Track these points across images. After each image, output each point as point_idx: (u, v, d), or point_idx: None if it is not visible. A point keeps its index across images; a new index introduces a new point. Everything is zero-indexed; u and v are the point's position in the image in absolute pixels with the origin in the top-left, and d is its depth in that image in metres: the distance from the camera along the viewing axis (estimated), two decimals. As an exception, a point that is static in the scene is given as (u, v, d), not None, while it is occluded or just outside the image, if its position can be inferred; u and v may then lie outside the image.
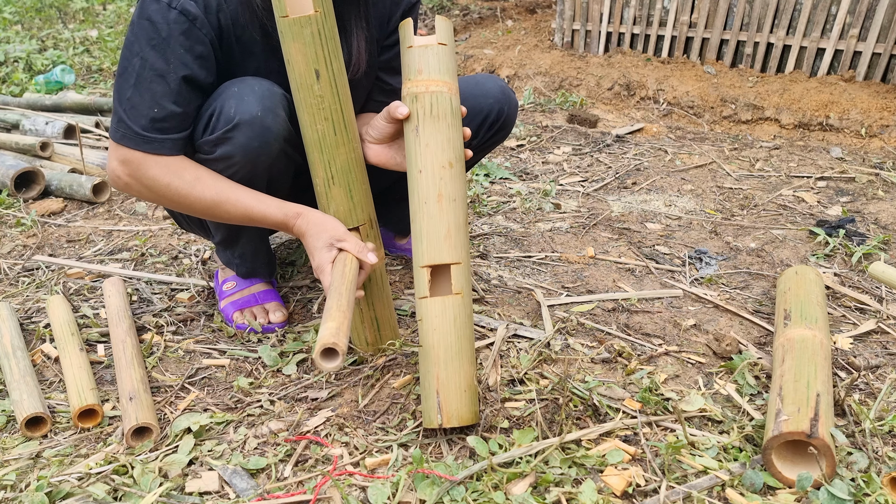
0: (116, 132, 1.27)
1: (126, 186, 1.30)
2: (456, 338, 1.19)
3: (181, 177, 1.28)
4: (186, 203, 1.30)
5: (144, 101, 1.22)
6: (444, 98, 1.23)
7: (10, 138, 2.65)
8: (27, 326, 1.60)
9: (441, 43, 1.25)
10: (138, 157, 1.26)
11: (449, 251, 1.21)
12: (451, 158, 1.23)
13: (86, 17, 5.91)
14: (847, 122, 3.35)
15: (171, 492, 1.11)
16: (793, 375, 1.25)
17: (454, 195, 1.23)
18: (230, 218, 1.32)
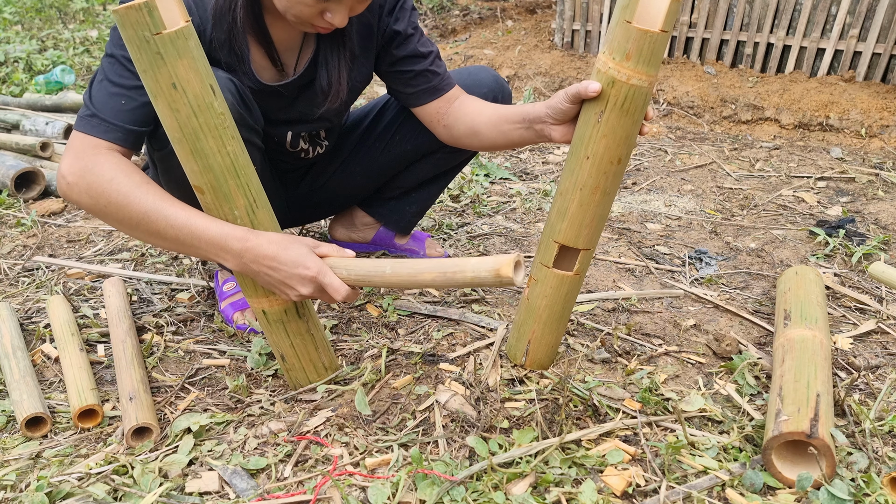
0: (77, 120, 1.21)
1: (69, 188, 1.16)
2: (561, 308, 1.33)
3: (127, 175, 1.15)
4: (122, 205, 1.14)
5: (111, 90, 1.20)
6: (641, 94, 1.11)
7: (11, 138, 2.65)
8: (27, 326, 1.60)
9: (663, 31, 1.06)
10: (90, 144, 1.17)
11: (584, 239, 1.25)
12: (622, 155, 1.17)
13: (86, 17, 5.92)
14: (847, 123, 3.35)
15: (171, 492, 1.11)
16: (793, 375, 1.25)
17: (610, 190, 1.21)
18: (164, 231, 1.16)
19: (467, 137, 1.50)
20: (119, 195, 1.14)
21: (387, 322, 1.61)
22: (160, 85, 1.02)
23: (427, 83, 1.50)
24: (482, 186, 2.55)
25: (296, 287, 1.17)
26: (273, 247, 1.15)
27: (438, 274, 1.12)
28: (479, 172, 2.67)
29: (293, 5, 1.21)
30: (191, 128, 1.05)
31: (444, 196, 2.43)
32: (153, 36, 0.98)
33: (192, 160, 1.08)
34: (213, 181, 1.11)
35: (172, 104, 1.03)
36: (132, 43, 0.98)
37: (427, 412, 1.31)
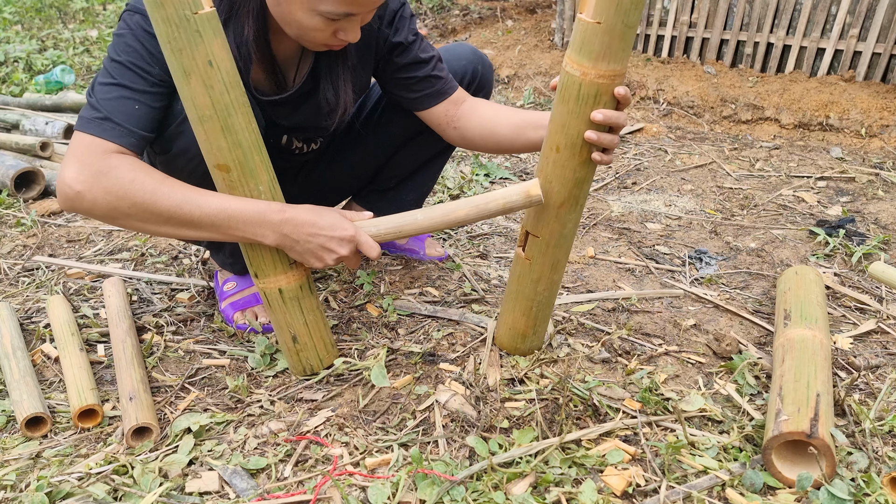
0: (81, 121, 1.16)
1: (77, 196, 1.12)
2: (515, 287, 1.38)
3: (147, 172, 1.15)
4: (150, 202, 1.14)
5: (122, 93, 1.17)
6: (574, 83, 1.12)
7: (10, 138, 2.65)
8: (27, 326, 1.60)
9: (597, 22, 1.06)
10: (100, 147, 1.14)
11: (530, 223, 1.29)
12: (559, 143, 1.18)
13: (86, 17, 5.91)
14: (847, 122, 3.35)
15: (171, 492, 1.11)
16: (793, 375, 1.25)
17: (551, 178, 1.21)
18: (198, 220, 1.16)
19: (482, 140, 1.51)
20: (145, 194, 1.13)
21: (387, 322, 1.61)
22: (196, 62, 1.05)
23: (430, 87, 1.50)
24: (482, 186, 2.55)
25: (335, 249, 1.22)
26: (310, 214, 1.21)
27: (472, 208, 1.24)
28: (478, 172, 2.67)
29: (306, 32, 1.21)
30: (223, 104, 1.09)
31: (444, 196, 2.43)
32: (193, 15, 1.02)
33: (222, 136, 1.12)
34: (242, 157, 1.15)
35: (207, 81, 1.07)
36: (170, 22, 1.02)
37: (427, 412, 1.31)
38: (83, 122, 1.16)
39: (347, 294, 1.75)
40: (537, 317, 1.41)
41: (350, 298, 1.72)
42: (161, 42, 1.05)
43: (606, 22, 1.05)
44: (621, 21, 1.05)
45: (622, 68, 1.11)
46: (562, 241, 1.30)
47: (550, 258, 1.32)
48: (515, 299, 1.40)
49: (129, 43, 1.17)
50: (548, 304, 1.41)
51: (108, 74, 1.18)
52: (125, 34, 1.17)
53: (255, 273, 1.28)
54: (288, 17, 1.21)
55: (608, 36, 1.07)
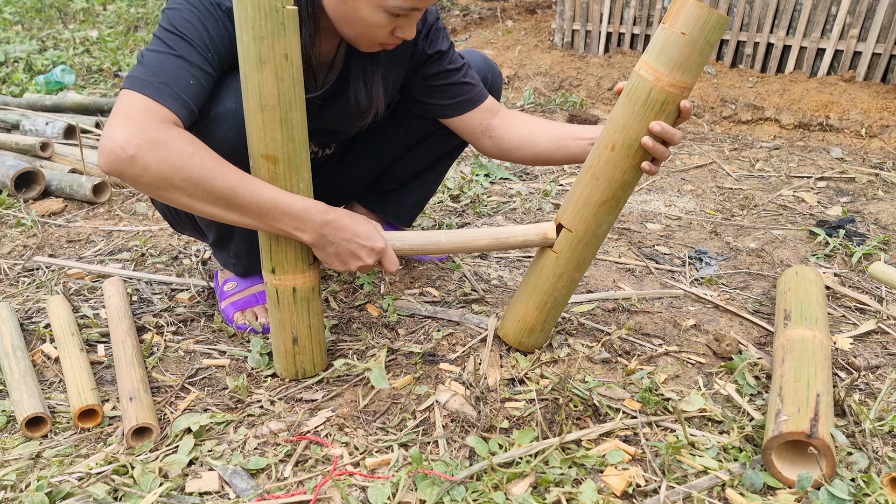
0: (135, 81, 1.11)
1: (130, 160, 1.06)
2: (534, 280, 1.39)
3: (205, 149, 1.12)
4: (206, 179, 1.10)
5: (181, 65, 1.14)
6: (645, 86, 1.16)
7: (11, 138, 2.65)
8: (27, 327, 1.60)
9: (682, 33, 1.12)
10: (159, 114, 1.09)
11: (568, 216, 1.31)
12: (616, 142, 1.21)
13: (86, 17, 5.92)
14: (847, 123, 3.35)
15: (171, 492, 1.11)
16: (793, 375, 1.25)
17: (599, 175, 1.25)
18: (247, 206, 1.15)
19: (519, 150, 1.53)
20: (203, 170, 1.10)
21: (387, 322, 1.61)
22: (275, 53, 1.08)
23: (464, 94, 1.52)
24: (482, 186, 2.55)
25: (363, 257, 1.25)
26: (350, 220, 1.24)
27: (492, 239, 1.34)
28: (479, 172, 2.67)
29: (367, 30, 1.23)
30: (288, 98, 1.12)
31: (444, 196, 2.43)
32: (283, 8, 1.06)
33: (279, 128, 1.14)
34: (292, 151, 1.17)
35: (280, 72, 1.10)
36: (260, 9, 1.05)
37: (427, 412, 1.31)
38: (137, 82, 1.11)
39: (347, 294, 1.75)
40: (549, 313, 1.42)
41: (350, 298, 1.72)
42: (242, 26, 1.06)
43: (691, 35, 1.11)
44: (704, 37, 1.11)
45: (692, 82, 1.16)
46: (594, 241, 1.32)
47: (578, 255, 1.34)
48: (532, 291, 1.40)
49: (190, 20, 1.15)
50: (562, 302, 1.42)
51: (164, 44, 1.14)
52: (185, 9, 1.16)
53: (272, 268, 1.28)
54: (352, 14, 1.21)
55: (689, 48, 1.12)
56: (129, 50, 4.87)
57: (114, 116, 1.09)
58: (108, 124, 1.09)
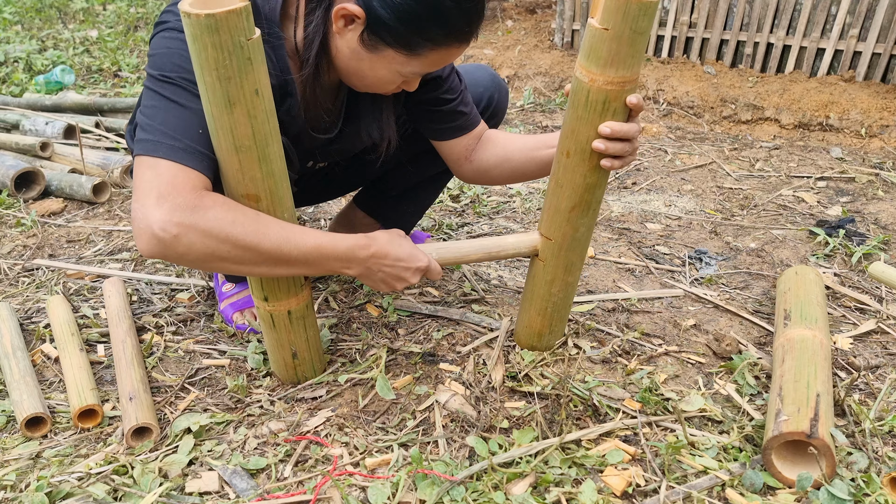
0: (148, 145, 1.04)
1: (173, 241, 1.01)
2: (531, 287, 1.41)
3: (242, 211, 1.07)
4: (253, 243, 1.07)
5: (185, 115, 1.08)
6: (582, 88, 1.12)
7: (10, 138, 2.65)
8: (27, 327, 1.60)
9: (604, 28, 1.05)
10: (188, 181, 1.03)
11: (545, 224, 1.32)
12: (569, 148, 1.19)
13: (86, 17, 5.91)
14: (847, 123, 3.35)
15: (171, 492, 1.11)
16: (793, 375, 1.25)
17: (563, 182, 1.23)
18: (295, 258, 1.12)
19: (497, 167, 1.52)
20: (247, 235, 1.06)
21: (387, 322, 1.61)
22: (244, 91, 0.98)
23: (454, 121, 1.50)
24: (482, 186, 2.55)
25: (408, 278, 1.26)
26: (391, 247, 1.23)
27: (484, 253, 1.35)
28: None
29: (377, 85, 1.23)
30: (263, 133, 1.03)
31: (444, 196, 2.43)
32: (247, 41, 0.94)
33: (258, 167, 1.06)
34: (273, 186, 1.10)
35: (252, 111, 1.00)
36: (224, 49, 0.93)
37: (427, 412, 1.31)
38: (151, 146, 1.04)
39: (347, 294, 1.75)
40: (552, 317, 1.42)
41: (350, 298, 1.72)
42: (203, 67, 0.96)
43: (614, 28, 1.04)
44: (629, 27, 1.03)
45: (632, 75, 1.10)
46: (575, 245, 1.31)
47: (564, 260, 1.33)
48: (531, 299, 1.42)
49: (178, 62, 1.08)
50: (563, 304, 1.42)
51: (161, 96, 1.08)
52: (172, 52, 1.09)
53: (264, 297, 1.24)
54: (367, 72, 1.19)
55: (616, 42, 1.05)
56: (129, 50, 4.87)
57: (142, 192, 1.03)
58: (137, 201, 1.02)
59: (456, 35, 1.14)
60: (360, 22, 1.12)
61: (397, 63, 1.16)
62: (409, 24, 1.10)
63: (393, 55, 1.15)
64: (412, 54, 1.15)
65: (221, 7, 0.92)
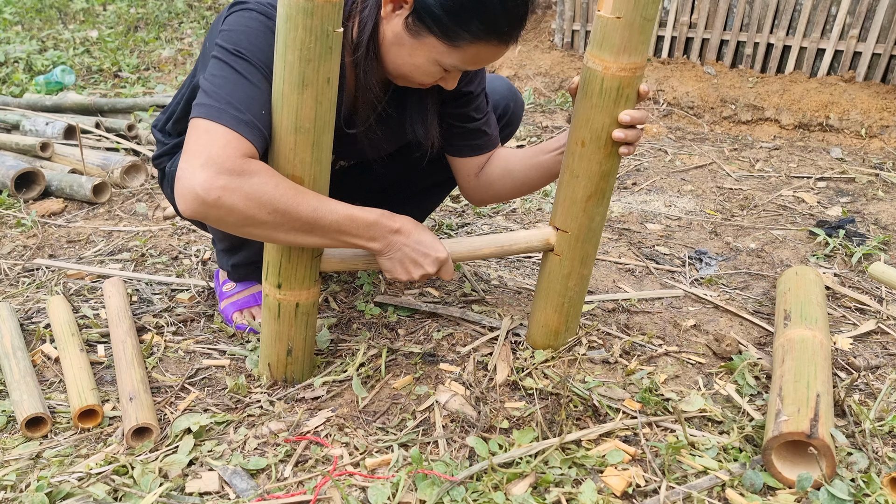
0: (210, 109, 1.07)
1: (216, 202, 1.04)
2: (545, 284, 1.41)
3: (284, 179, 1.10)
4: (292, 208, 1.10)
5: (255, 93, 1.11)
6: (596, 78, 1.16)
7: (11, 139, 2.65)
8: (27, 327, 1.60)
9: (616, 17, 1.11)
10: (238, 148, 1.06)
11: (560, 217, 1.33)
12: (584, 138, 1.22)
13: (86, 17, 5.92)
14: (847, 123, 3.35)
15: (171, 492, 1.11)
16: (793, 376, 1.25)
17: (578, 173, 1.26)
18: (327, 226, 1.15)
19: (500, 180, 1.54)
20: (287, 199, 1.09)
21: (387, 322, 1.61)
22: (318, 76, 1.05)
23: (475, 140, 1.51)
24: (482, 187, 2.55)
25: (425, 266, 1.26)
26: (415, 228, 1.25)
27: (497, 248, 1.36)
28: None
29: (415, 75, 1.24)
30: (323, 121, 1.10)
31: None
32: (333, 31, 1.03)
33: (310, 151, 1.12)
34: (318, 173, 1.16)
35: (319, 96, 1.07)
36: (312, 33, 1.01)
37: (427, 412, 1.31)
38: (213, 111, 1.07)
39: (347, 294, 1.75)
40: (569, 312, 1.43)
41: (350, 298, 1.72)
42: (287, 46, 1.02)
43: (626, 16, 1.10)
44: (640, 15, 1.10)
45: (642, 61, 1.15)
46: (590, 235, 1.33)
47: (580, 252, 1.35)
48: (546, 297, 1.42)
49: (255, 42, 1.13)
50: (578, 299, 1.42)
51: (232, 68, 1.11)
52: (250, 31, 1.13)
53: (278, 283, 1.26)
54: (406, 59, 1.22)
55: (628, 30, 1.11)
56: (129, 50, 4.88)
57: (192, 153, 1.05)
58: (185, 161, 1.05)
59: (497, 33, 1.17)
60: (407, 7, 1.16)
61: (437, 52, 1.19)
62: (453, 13, 1.13)
63: (434, 43, 1.17)
64: (452, 45, 1.17)
65: None
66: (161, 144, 1.51)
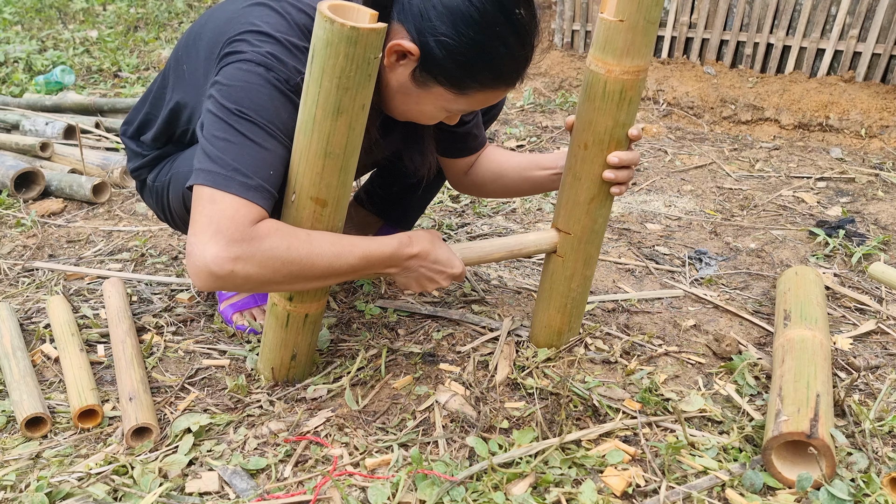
0: (216, 177, 1.04)
1: (230, 275, 1.03)
2: (548, 286, 1.41)
3: (295, 235, 1.09)
4: (307, 266, 1.09)
5: (262, 155, 1.08)
6: (599, 81, 1.16)
7: (10, 139, 2.65)
8: (27, 327, 1.60)
9: (619, 20, 1.10)
10: (248, 216, 1.04)
11: (562, 220, 1.33)
12: (587, 140, 1.22)
13: (86, 17, 5.91)
14: (847, 123, 3.35)
15: (171, 492, 1.11)
16: (793, 376, 1.25)
17: (580, 175, 1.26)
18: (344, 271, 1.14)
19: (492, 182, 1.55)
20: (301, 259, 1.08)
21: (387, 322, 1.61)
22: (354, 104, 1.02)
23: (465, 142, 1.53)
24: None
25: (440, 282, 1.28)
26: (431, 247, 1.24)
27: (506, 252, 1.37)
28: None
29: (419, 118, 1.24)
30: (353, 146, 1.08)
31: (444, 196, 2.43)
32: (374, 59, 0.99)
33: (337, 175, 1.09)
34: (342, 195, 1.14)
35: (353, 122, 1.05)
36: (354, 61, 0.97)
37: (427, 412, 1.31)
38: (219, 179, 1.05)
39: (347, 294, 1.75)
40: (572, 313, 1.43)
41: (350, 299, 1.72)
42: (325, 72, 0.98)
43: (629, 19, 1.09)
44: (643, 17, 1.09)
45: (645, 63, 1.15)
46: (593, 237, 1.33)
47: (583, 254, 1.35)
48: (549, 297, 1.42)
49: (259, 101, 1.08)
50: (581, 299, 1.43)
51: (235, 130, 1.07)
52: (252, 88, 1.08)
53: (289, 297, 1.24)
54: (413, 106, 1.20)
55: (631, 33, 1.11)
56: (129, 50, 4.88)
57: (199, 225, 1.04)
58: (193, 235, 1.03)
59: (505, 80, 1.16)
60: (412, 59, 1.11)
61: (444, 100, 1.17)
62: (462, 66, 1.11)
63: (441, 93, 1.15)
64: (460, 94, 1.16)
65: (358, 21, 0.96)
66: (136, 154, 1.50)
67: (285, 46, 1.11)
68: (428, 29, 1.08)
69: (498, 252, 1.36)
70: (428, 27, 1.08)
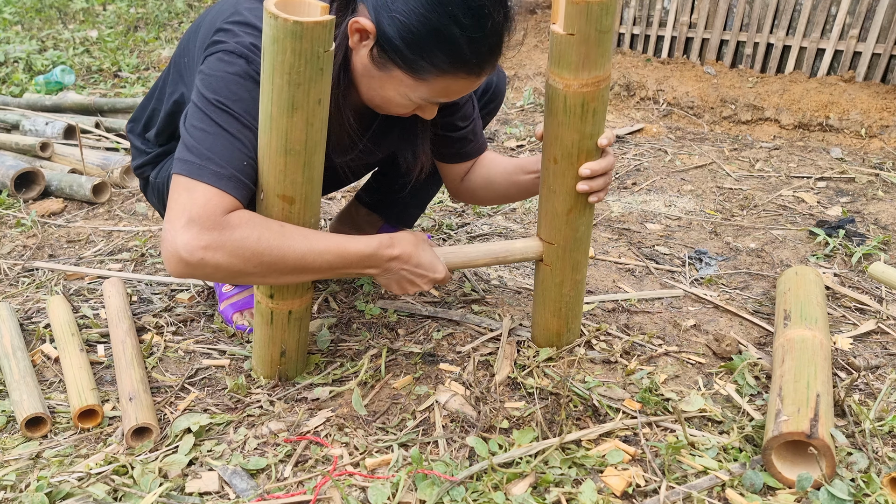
0: (190, 166, 1.06)
1: (200, 263, 1.04)
2: (541, 291, 1.41)
3: (267, 226, 1.09)
4: (278, 258, 1.09)
5: (236, 146, 1.09)
6: (558, 95, 1.13)
7: (10, 139, 2.65)
8: (27, 327, 1.60)
9: (569, 34, 1.05)
10: (220, 205, 1.05)
11: (544, 230, 1.32)
12: (556, 155, 1.20)
13: (86, 17, 5.91)
14: (847, 123, 3.35)
15: (171, 492, 1.11)
16: (793, 376, 1.25)
17: (554, 188, 1.25)
18: (319, 267, 1.14)
19: (483, 188, 1.55)
20: (272, 251, 1.08)
21: (387, 322, 1.61)
22: (309, 99, 1.02)
23: (461, 148, 1.51)
24: (482, 187, 2.55)
25: (422, 286, 1.28)
26: (414, 250, 1.24)
27: (491, 258, 1.36)
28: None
29: (388, 106, 1.22)
30: (314, 141, 1.07)
31: (444, 196, 2.43)
32: (324, 52, 0.98)
33: (301, 172, 1.09)
34: (309, 191, 1.13)
35: (311, 118, 1.04)
36: (302, 56, 0.96)
37: (427, 412, 1.31)
38: (194, 168, 1.06)
39: (347, 294, 1.75)
40: (568, 315, 1.43)
41: (350, 298, 1.72)
42: (275, 69, 0.98)
43: (580, 32, 1.04)
44: (595, 29, 1.03)
45: (605, 73, 1.10)
46: (577, 245, 1.32)
47: (570, 261, 1.34)
48: (543, 303, 1.42)
49: (236, 91, 1.09)
50: (576, 302, 1.43)
51: (212, 120, 1.09)
52: (230, 79, 1.09)
53: (270, 294, 1.24)
54: (377, 90, 1.18)
55: (584, 46, 1.05)
56: (129, 50, 4.88)
57: (173, 212, 1.05)
58: (167, 222, 1.05)
59: (462, 65, 1.11)
60: (371, 38, 1.10)
61: (404, 86, 1.15)
62: (413, 45, 1.08)
63: (401, 77, 1.13)
64: (418, 78, 1.13)
65: (307, 16, 0.95)
66: (140, 152, 1.51)
67: None
68: (383, 6, 1.08)
69: (483, 258, 1.35)
70: (383, 4, 1.07)
